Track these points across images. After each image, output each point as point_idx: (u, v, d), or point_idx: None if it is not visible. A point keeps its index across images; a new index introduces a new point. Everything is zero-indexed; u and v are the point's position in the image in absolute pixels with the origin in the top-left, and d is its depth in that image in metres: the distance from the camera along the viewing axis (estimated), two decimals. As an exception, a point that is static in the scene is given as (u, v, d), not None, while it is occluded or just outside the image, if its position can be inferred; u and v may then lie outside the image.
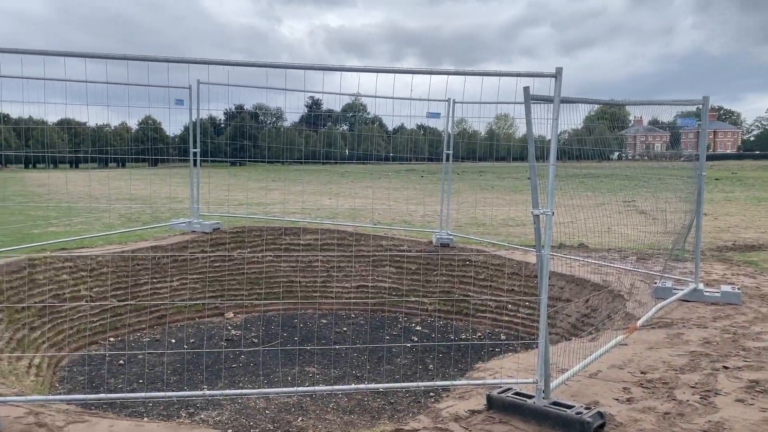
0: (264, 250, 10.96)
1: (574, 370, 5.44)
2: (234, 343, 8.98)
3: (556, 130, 4.87)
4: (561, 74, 4.82)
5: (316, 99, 62.99)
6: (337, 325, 9.94)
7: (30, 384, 6.28)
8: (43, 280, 8.53)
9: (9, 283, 8.01)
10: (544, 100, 4.92)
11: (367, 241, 11.25)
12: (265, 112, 52.00)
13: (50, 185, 32.70)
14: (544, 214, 4.90)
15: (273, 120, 55.06)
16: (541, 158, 4.95)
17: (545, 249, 4.93)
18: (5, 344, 6.90)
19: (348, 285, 10.85)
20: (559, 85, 4.81)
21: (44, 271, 8.65)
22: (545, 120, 5.03)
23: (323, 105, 25.99)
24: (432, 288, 10.67)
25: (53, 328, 8.22)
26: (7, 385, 5.34)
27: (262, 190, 29.07)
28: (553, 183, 4.92)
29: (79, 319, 8.61)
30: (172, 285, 10.02)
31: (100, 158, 36.84)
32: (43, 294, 8.41)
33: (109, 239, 11.66)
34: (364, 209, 20.26)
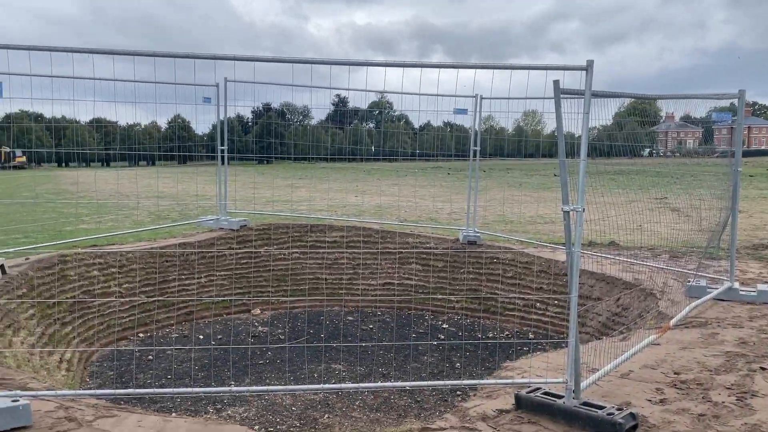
0: (290, 247, 10.99)
1: (605, 370, 5.34)
2: (260, 340, 9.02)
3: (587, 125, 4.77)
4: (592, 67, 4.72)
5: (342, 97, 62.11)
6: (363, 322, 9.93)
7: (61, 378, 6.39)
8: (74, 276, 8.67)
9: (41, 279, 8.16)
10: (575, 94, 4.82)
11: (393, 239, 11.21)
12: (292, 110, 51.70)
13: (82, 183, 33.35)
14: (575, 210, 4.81)
15: (300, 118, 55.00)
16: (571, 154, 4.85)
17: (576, 246, 4.84)
18: (37, 339, 7.03)
19: (374, 282, 10.83)
20: (590, 78, 4.71)
21: (75, 268, 8.79)
22: (575, 115, 4.93)
23: (349, 103, 26.00)
24: (459, 286, 10.59)
25: (84, 323, 8.35)
26: (39, 379, 5.43)
27: (288, 187, 29.22)
28: (584, 179, 4.81)
29: (109, 315, 8.74)
30: (200, 281, 10.11)
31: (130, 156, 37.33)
32: (74, 290, 8.55)
33: (138, 236, 11.82)
34: (390, 207, 20.23)
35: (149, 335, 9.11)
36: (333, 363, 8.10)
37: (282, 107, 48.53)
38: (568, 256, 4.89)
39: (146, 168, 46.85)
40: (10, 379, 5.27)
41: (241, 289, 10.38)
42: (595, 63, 4.74)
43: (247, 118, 50.17)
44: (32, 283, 7.96)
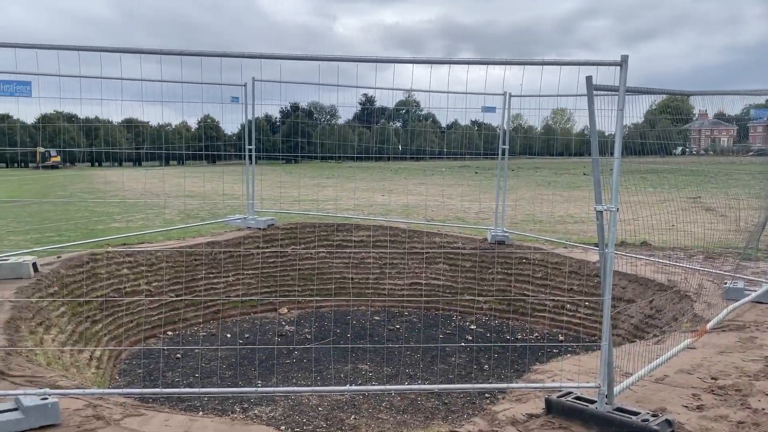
0: (317, 246, 10.97)
1: (639, 375, 5.18)
2: (287, 339, 9.02)
3: (621, 122, 4.63)
4: (627, 62, 4.58)
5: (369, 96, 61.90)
6: (389, 322, 9.86)
7: (90, 376, 6.45)
8: (104, 275, 8.76)
9: (72, 277, 8.26)
10: (608, 90, 4.68)
11: (420, 238, 11.12)
12: (319, 109, 51.92)
13: (113, 182, 33.93)
14: (609, 210, 4.67)
15: (327, 117, 55.11)
16: (603, 153, 4.72)
17: (609, 247, 4.70)
18: (67, 337, 7.11)
19: (401, 282, 10.75)
20: (625, 73, 4.57)
21: (105, 266, 8.88)
22: (607, 112, 4.79)
23: (377, 102, 25.97)
24: (487, 286, 10.45)
25: (114, 321, 8.43)
26: (68, 377, 5.48)
27: (315, 186, 29.30)
28: (618, 178, 4.68)
29: (138, 313, 8.81)
30: (228, 280, 10.15)
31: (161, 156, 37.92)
32: (104, 288, 8.64)
33: (168, 235, 11.93)
34: (418, 206, 20.13)
35: (177, 333, 9.17)
36: (360, 363, 8.04)
37: (310, 107, 48.45)
38: (602, 258, 4.75)
39: (176, 167, 47.54)
40: (40, 376, 5.32)
41: (268, 288, 10.39)
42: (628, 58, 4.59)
43: (275, 117, 50.44)
44: (63, 281, 8.06)
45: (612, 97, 4.69)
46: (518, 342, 9.11)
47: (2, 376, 5.25)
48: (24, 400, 4.43)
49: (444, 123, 18.56)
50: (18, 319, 6.45)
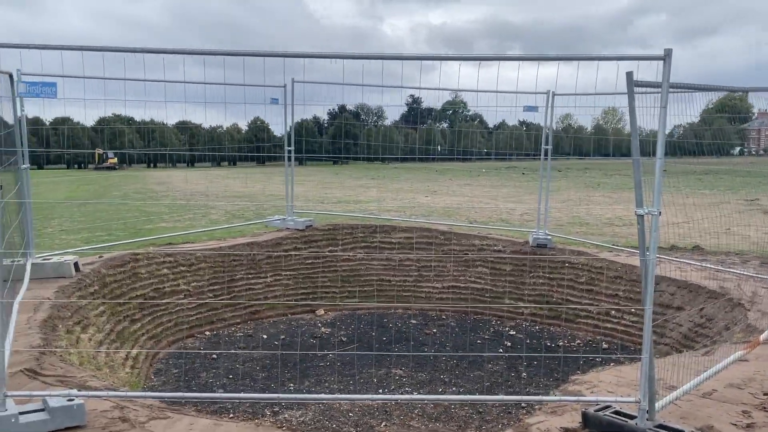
0: (355, 248, 10.85)
1: (685, 389, 4.84)
2: (322, 341, 8.91)
3: (664, 120, 4.31)
4: (671, 56, 4.25)
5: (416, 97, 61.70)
6: (426, 326, 9.64)
7: (124, 376, 6.47)
8: (144, 274, 8.85)
9: (112, 277, 8.36)
10: (650, 85, 4.37)
11: (459, 241, 10.86)
12: (366, 110, 52.08)
13: (167, 183, 34.74)
14: (650, 213, 4.37)
15: (374, 119, 54.75)
16: (648, 152, 4.42)
17: (651, 253, 4.40)
18: (105, 336, 7.17)
19: (439, 285, 10.52)
20: (668, 68, 4.25)
21: (146, 266, 8.97)
22: (654, 110, 4.47)
23: (423, 103, 25.81)
24: (527, 291, 10.12)
25: (153, 320, 8.49)
26: (99, 377, 5.49)
27: (360, 187, 29.29)
28: (660, 179, 4.36)
29: (177, 313, 8.86)
30: (266, 281, 10.12)
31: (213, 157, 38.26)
32: (144, 287, 8.72)
33: (210, 235, 12.02)
34: (461, 207, 19.81)
35: (215, 333, 9.18)
36: (394, 368, 7.86)
37: (357, 108, 48.47)
38: (643, 264, 4.45)
39: (227, 168, 48.23)
40: (71, 376, 5.34)
41: (306, 290, 10.33)
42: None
43: (323, 119, 50.66)
44: (104, 280, 8.16)
45: (658, 94, 4.38)
46: (558, 349, 8.74)
47: (34, 375, 5.29)
48: (50, 401, 4.42)
49: (491, 123, 18.13)
50: (56, 318, 6.53)
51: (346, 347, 8.64)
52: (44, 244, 12.37)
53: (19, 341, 5.81)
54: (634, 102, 4.31)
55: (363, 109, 72.06)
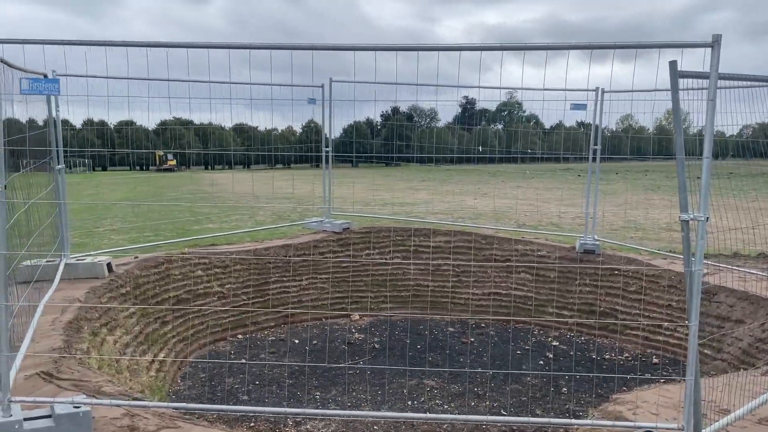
0: (392, 252, 10.53)
1: (739, 413, 4.32)
2: (355, 348, 8.61)
3: (712, 115, 3.83)
4: (719, 43, 3.77)
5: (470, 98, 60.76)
6: (464, 334, 9.21)
7: (146, 380, 6.35)
8: (178, 276, 8.78)
9: (146, 278, 8.31)
10: (697, 76, 3.89)
11: (501, 245, 10.38)
12: (419, 112, 51.45)
13: (220, 185, 35.33)
14: (696, 219, 3.89)
15: (427, 121, 54.68)
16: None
17: (697, 263, 3.91)
18: (133, 338, 7.09)
19: (479, 292, 10.07)
20: (717, 56, 3.76)
21: (180, 267, 8.90)
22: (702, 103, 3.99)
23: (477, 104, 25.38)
24: (572, 299, 9.55)
25: (184, 323, 8.40)
26: (114, 383, 5.35)
27: (409, 189, 28.96)
28: (708, 181, 3.88)
29: (210, 316, 8.75)
30: (301, 284, 9.92)
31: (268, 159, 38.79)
32: (177, 289, 8.65)
33: (254, 236, 11.95)
34: (511, 210, 19.20)
35: (247, 336, 9.03)
36: (426, 378, 7.49)
37: (410, 110, 48.15)
38: (687, 275, 3.97)
39: (281, 170, 48.99)
40: (86, 381, 5.22)
41: (341, 294, 10.07)
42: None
43: (376, 121, 50.73)
44: (137, 281, 8.11)
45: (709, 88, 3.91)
46: (604, 362, 8.17)
47: (50, 378, 5.20)
48: (57, 408, 4.29)
49: (547, 124, 17.62)
50: (82, 320, 6.47)
51: (377, 355, 8.32)
52: (93, 243, 12.58)
53: (41, 343, 5.76)
54: (678, 94, 3.85)
55: (416, 110, 71.73)
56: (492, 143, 27.14)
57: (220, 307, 8.92)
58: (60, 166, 7.69)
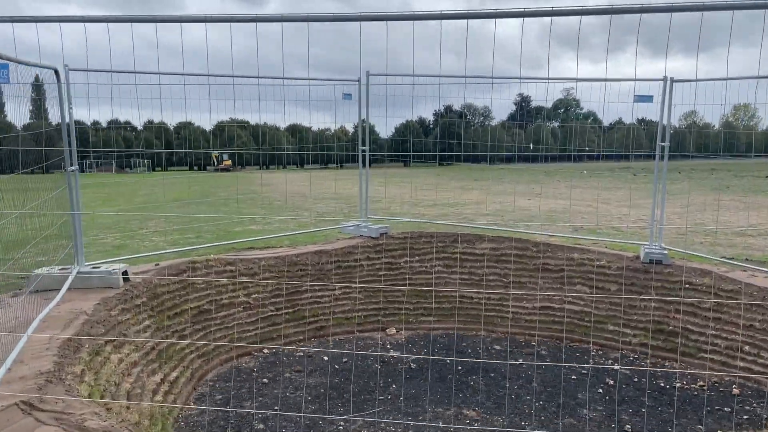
0: (433, 260, 9.58)
1: None
2: (389, 368, 7.72)
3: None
4: None
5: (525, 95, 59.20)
6: (511, 354, 8.18)
7: (146, 409, 5.63)
8: (201, 284, 8.11)
9: (165, 287, 7.66)
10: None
11: (555, 253, 9.26)
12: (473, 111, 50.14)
13: (272, 185, 35.11)
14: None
15: (480, 119, 53.18)
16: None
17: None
18: (143, 356, 6.41)
19: (529, 305, 8.99)
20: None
21: (204, 275, 8.23)
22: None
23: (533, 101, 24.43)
24: (637, 316, 8.37)
25: (205, 336, 7.71)
26: (101, 416, 4.63)
27: (460, 189, 27.85)
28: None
29: (234, 327, 8.04)
30: (334, 294, 9.11)
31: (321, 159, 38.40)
32: (200, 299, 7.98)
33: (293, 239, 11.25)
34: (566, 212, 17.91)
35: (274, 351, 8.28)
36: (466, 408, 6.53)
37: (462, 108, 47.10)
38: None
39: (333, 170, 48.61)
40: (69, 413, 4.53)
41: (377, 305, 9.20)
42: None
43: (428, 120, 49.70)
44: (155, 291, 7.47)
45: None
46: (675, 391, 6.99)
47: (30, 409, 4.53)
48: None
49: (606, 121, 16.42)
50: (84, 335, 5.83)
51: (413, 376, 7.40)
52: (133, 246, 12.17)
53: (29, 365, 5.12)
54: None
55: (469, 108, 70.14)
56: (547, 141, 26.01)
57: (245, 319, 8.21)
58: (73, 168, 7.10)
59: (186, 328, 7.51)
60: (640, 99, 8.88)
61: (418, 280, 9.45)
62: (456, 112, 39.64)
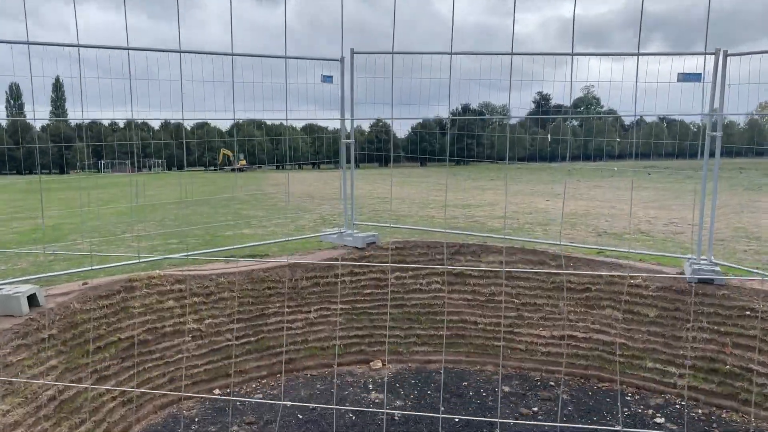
0: (430, 275, 7.78)
1: None
2: (366, 419, 5.95)
3: None
4: None
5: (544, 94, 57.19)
6: (524, 398, 6.34)
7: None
8: (139, 308, 6.43)
9: (88, 314, 5.98)
10: None
11: (578, 268, 7.41)
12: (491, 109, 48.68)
13: (282, 185, 33.55)
14: None
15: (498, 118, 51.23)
16: None
17: None
18: (34, 409, 4.73)
19: (546, 334, 7.15)
20: None
21: (144, 296, 6.55)
22: None
23: (552, 100, 22.81)
24: (684, 350, 6.50)
25: (138, 375, 6.03)
26: None
27: (475, 189, 25.95)
28: None
29: (176, 363, 6.35)
30: (309, 318, 7.36)
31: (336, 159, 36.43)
32: (134, 327, 6.29)
33: (283, 247, 9.58)
34: (588, 214, 15.96)
35: (228, 391, 6.56)
36: (460, 483, 4.75)
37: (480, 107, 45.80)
38: None
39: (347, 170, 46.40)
40: None
41: (361, 331, 7.43)
42: None
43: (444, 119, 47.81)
44: (72, 319, 5.81)
45: None
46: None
47: None
48: None
49: (627, 120, 14.76)
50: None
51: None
52: (107, 250, 10.61)
53: None
54: None
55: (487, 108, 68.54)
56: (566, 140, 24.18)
57: (193, 351, 6.51)
58: None
59: (109, 367, 5.83)
60: (687, 78, 7.01)
61: (411, 301, 7.65)
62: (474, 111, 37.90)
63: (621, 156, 25.56)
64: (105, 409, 5.47)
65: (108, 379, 5.73)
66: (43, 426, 4.78)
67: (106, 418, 5.40)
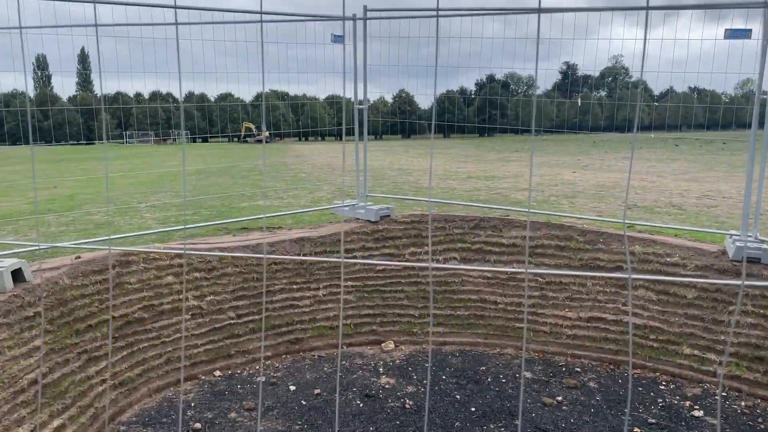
0: (447, 251, 7.21)
1: None
2: (376, 405, 5.46)
3: None
4: None
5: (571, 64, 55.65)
6: (548, 385, 5.79)
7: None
8: (135, 284, 5.99)
9: (79, 290, 5.55)
10: None
11: (609, 245, 6.76)
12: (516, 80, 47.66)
13: (303, 156, 33.08)
14: None
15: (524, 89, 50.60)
16: None
17: None
18: (12, 395, 4.33)
19: (573, 315, 6.55)
20: None
21: (142, 271, 6.11)
22: None
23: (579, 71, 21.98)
24: (725, 336, 5.85)
25: (130, 356, 5.61)
26: None
27: (499, 161, 25.12)
28: None
29: (174, 343, 5.92)
30: (318, 295, 6.87)
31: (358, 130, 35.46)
32: (130, 304, 5.86)
33: (297, 219, 9.10)
34: (616, 186, 15.15)
35: (229, 374, 6.12)
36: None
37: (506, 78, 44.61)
38: None
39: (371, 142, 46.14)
40: None
41: (372, 310, 6.92)
42: None
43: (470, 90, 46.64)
44: (61, 295, 5.39)
45: None
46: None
47: None
48: None
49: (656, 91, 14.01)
50: None
51: (405, 423, 5.12)
52: (117, 223, 10.26)
53: None
54: None
55: (513, 78, 66.65)
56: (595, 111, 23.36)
57: (193, 330, 6.07)
58: None
59: (101, 347, 5.42)
60: (734, 34, 6.21)
61: (427, 278, 7.10)
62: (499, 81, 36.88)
63: (647, 128, 24.57)
64: (92, 394, 5.06)
65: (98, 361, 5.32)
66: (20, 413, 4.38)
67: (92, 403, 4.99)
